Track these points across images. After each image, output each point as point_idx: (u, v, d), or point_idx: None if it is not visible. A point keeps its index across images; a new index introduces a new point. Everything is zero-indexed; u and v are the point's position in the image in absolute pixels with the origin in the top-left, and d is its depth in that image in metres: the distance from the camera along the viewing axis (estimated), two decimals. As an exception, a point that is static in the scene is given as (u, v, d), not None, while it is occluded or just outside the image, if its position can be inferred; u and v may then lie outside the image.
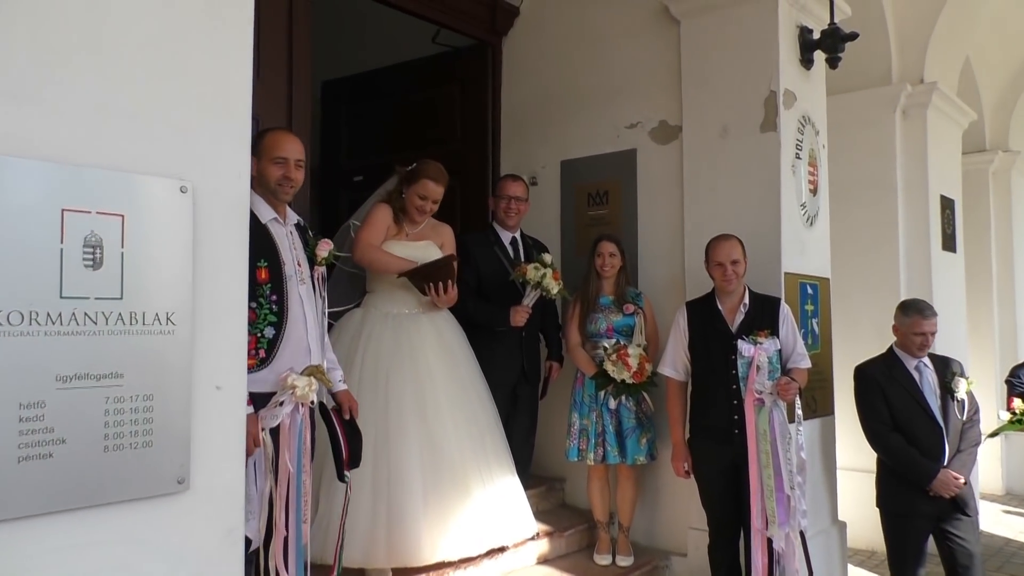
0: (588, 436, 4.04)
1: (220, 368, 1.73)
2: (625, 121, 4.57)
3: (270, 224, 2.72)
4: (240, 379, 1.77)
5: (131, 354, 1.57)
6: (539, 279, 3.84)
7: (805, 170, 4.16)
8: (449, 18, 4.90)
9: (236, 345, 1.76)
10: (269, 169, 2.73)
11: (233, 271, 1.76)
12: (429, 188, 3.61)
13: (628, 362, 3.87)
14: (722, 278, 3.64)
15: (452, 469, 3.37)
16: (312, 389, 2.57)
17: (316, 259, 2.84)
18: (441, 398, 3.47)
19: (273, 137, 2.78)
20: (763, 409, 3.52)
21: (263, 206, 2.72)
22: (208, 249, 1.71)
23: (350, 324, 3.60)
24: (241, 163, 1.78)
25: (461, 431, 3.48)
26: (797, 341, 3.71)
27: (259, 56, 3.87)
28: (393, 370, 3.43)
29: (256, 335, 2.61)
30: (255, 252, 2.58)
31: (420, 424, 3.39)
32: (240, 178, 1.77)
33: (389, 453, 3.32)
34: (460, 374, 3.61)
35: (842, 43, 4.09)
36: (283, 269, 2.68)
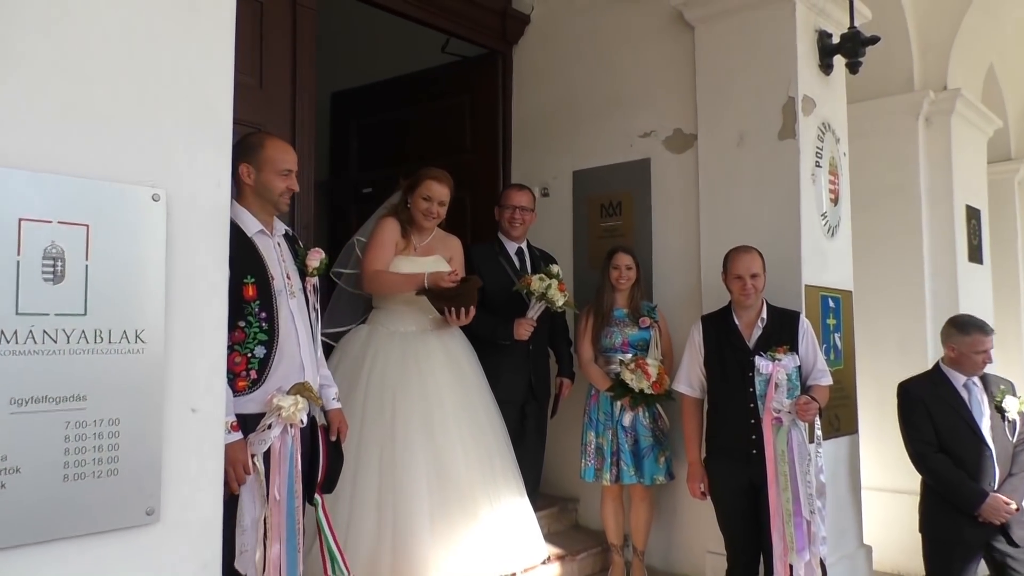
0: (603, 455, 3.90)
1: (196, 389, 1.61)
2: (639, 130, 4.45)
3: (256, 237, 2.59)
4: (218, 401, 1.65)
5: (95, 375, 1.46)
6: (544, 290, 3.70)
7: (825, 179, 4.01)
8: (459, 27, 4.81)
9: (214, 364, 1.64)
10: (274, 181, 2.61)
11: (211, 284, 1.64)
12: (433, 188, 3.49)
13: (648, 370, 3.74)
14: (740, 292, 3.49)
15: (460, 491, 3.24)
16: (299, 408, 2.44)
17: (307, 270, 2.71)
18: (450, 419, 3.34)
19: (275, 146, 2.67)
20: (781, 429, 3.36)
21: (248, 218, 2.60)
22: (183, 261, 1.59)
23: (355, 341, 3.48)
24: (221, 170, 1.67)
25: (470, 452, 3.35)
26: (818, 357, 3.56)
27: (262, 66, 3.81)
28: (400, 390, 3.31)
29: (246, 355, 2.49)
30: (241, 268, 2.48)
31: (428, 445, 3.26)
32: (219, 186, 1.66)
33: (396, 474, 3.19)
34: (470, 394, 3.49)
35: (863, 47, 3.95)
36: (271, 284, 2.56)
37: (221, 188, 1.66)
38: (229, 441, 2.33)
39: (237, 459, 2.37)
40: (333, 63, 5.74)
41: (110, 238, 1.48)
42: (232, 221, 2.59)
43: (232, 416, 2.40)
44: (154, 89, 1.57)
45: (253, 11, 3.77)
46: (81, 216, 1.45)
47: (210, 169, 1.65)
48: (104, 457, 1.47)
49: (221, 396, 1.65)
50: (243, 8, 3.77)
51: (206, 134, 1.65)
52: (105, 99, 1.49)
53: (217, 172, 1.66)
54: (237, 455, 2.37)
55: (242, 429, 2.43)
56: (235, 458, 2.36)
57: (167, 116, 1.58)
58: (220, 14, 1.71)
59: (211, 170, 1.65)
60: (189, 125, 1.62)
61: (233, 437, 2.37)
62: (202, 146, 1.64)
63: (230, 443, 2.34)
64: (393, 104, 5.52)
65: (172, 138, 1.59)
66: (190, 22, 1.65)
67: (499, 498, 3.38)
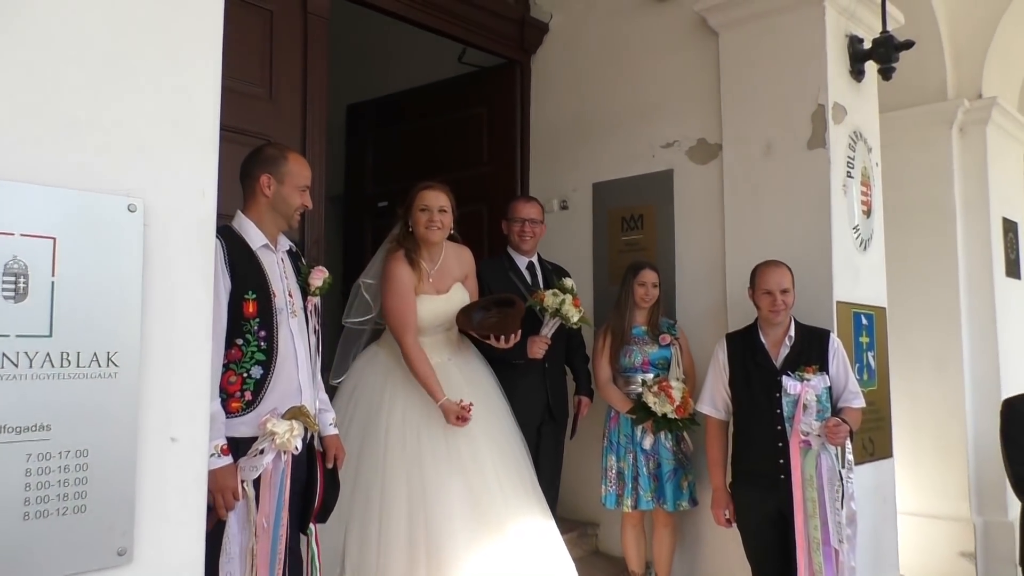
0: (624, 480, 3.74)
1: (176, 417, 1.47)
2: (661, 140, 4.30)
3: (260, 252, 2.48)
4: (202, 429, 1.51)
5: (61, 402, 1.33)
6: (558, 306, 3.54)
7: (857, 190, 3.83)
8: (476, 36, 4.69)
9: (197, 390, 1.51)
10: (293, 195, 2.52)
11: (194, 303, 1.51)
12: (427, 197, 3.32)
13: (671, 394, 3.57)
14: (770, 308, 3.32)
15: (497, 520, 3.06)
16: (295, 435, 2.30)
17: (309, 289, 2.59)
18: (482, 450, 3.18)
19: (298, 161, 2.59)
20: (810, 452, 3.19)
21: (253, 231, 2.49)
22: (162, 277, 1.46)
23: (372, 372, 3.30)
24: (206, 179, 1.54)
25: (503, 480, 3.18)
26: (849, 377, 3.37)
27: (271, 76, 3.71)
28: (424, 426, 3.14)
29: (242, 375, 2.37)
30: (243, 283, 2.38)
31: (461, 480, 3.09)
32: (204, 197, 1.53)
33: (427, 511, 3.01)
34: (498, 421, 3.33)
35: (896, 52, 3.79)
36: (273, 301, 2.44)
37: (206, 198, 1.53)
38: (219, 465, 2.22)
39: (226, 485, 2.25)
40: (348, 75, 5.65)
41: (80, 252, 1.36)
42: (236, 233, 2.51)
43: (223, 439, 2.28)
44: (130, 88, 1.44)
45: (263, 19, 3.68)
46: (47, 228, 1.33)
47: (194, 177, 1.52)
48: (70, 492, 1.33)
49: (204, 424, 1.51)
50: (252, 16, 3.72)
51: (190, 139, 1.52)
52: (74, 99, 1.37)
53: (202, 181, 1.53)
54: (227, 480, 2.25)
55: (233, 453, 2.31)
56: (224, 484, 2.24)
57: (145, 118, 1.45)
58: (208, 10, 1.58)
59: (195, 179, 1.52)
60: (171, 128, 1.49)
61: (223, 461, 2.25)
62: (185, 152, 1.51)
63: (220, 468, 2.23)
64: (409, 116, 5.41)
65: (151, 143, 1.46)
66: (173, 14, 1.52)
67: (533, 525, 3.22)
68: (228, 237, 2.44)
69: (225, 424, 2.31)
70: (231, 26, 3.50)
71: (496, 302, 3.40)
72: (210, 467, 2.21)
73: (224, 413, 2.32)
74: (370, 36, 5.83)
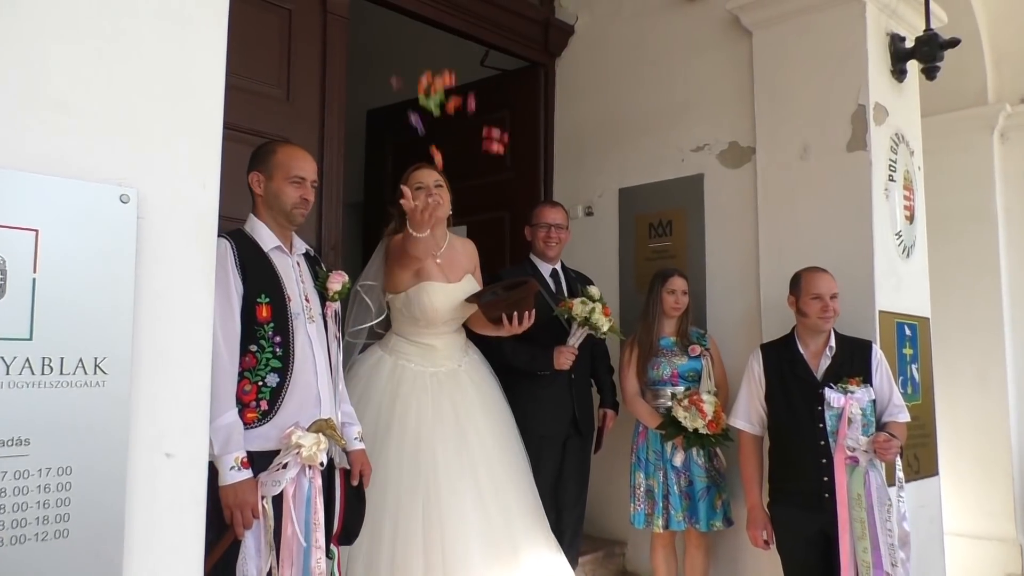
0: (654, 498, 3.56)
1: (171, 429, 1.33)
2: (691, 144, 4.14)
3: (273, 253, 2.36)
4: (200, 444, 1.37)
5: (41, 413, 1.19)
6: (587, 315, 3.38)
7: (900, 194, 3.65)
8: (499, 38, 4.56)
9: (195, 399, 1.37)
10: (285, 189, 2.38)
11: (193, 304, 1.37)
12: (420, 175, 3.20)
13: (703, 408, 3.39)
14: (820, 314, 3.15)
15: (513, 550, 2.90)
16: (321, 448, 2.17)
17: (328, 294, 2.45)
18: (495, 464, 3.02)
19: (288, 152, 2.44)
20: (857, 470, 3.00)
21: (265, 232, 2.37)
22: (158, 275, 1.32)
23: (376, 379, 3.09)
24: (208, 168, 1.40)
25: (510, 496, 3.01)
26: (893, 391, 3.19)
27: (289, 77, 3.60)
28: (440, 440, 2.95)
29: (257, 383, 2.24)
30: (255, 286, 2.25)
31: (474, 492, 2.91)
32: (205, 188, 1.39)
33: (444, 536, 2.83)
34: (507, 436, 3.16)
35: (941, 51, 3.61)
36: (288, 306, 2.31)
37: (208, 190, 1.39)
38: (238, 479, 2.10)
39: (246, 501, 2.11)
40: (368, 80, 5.54)
41: (65, 246, 1.22)
42: (247, 236, 2.37)
43: (243, 451, 2.15)
44: (125, 68, 1.31)
45: (280, 19, 3.57)
46: (29, 219, 1.19)
47: (195, 166, 1.39)
48: (51, 515, 1.19)
49: (203, 438, 1.37)
50: (269, 16, 3.60)
51: (191, 123, 1.38)
52: (63, 78, 1.24)
53: (204, 170, 1.40)
54: (246, 496, 2.11)
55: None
56: (243, 500, 2.10)
57: (142, 100, 1.32)
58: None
59: (196, 168, 1.39)
60: (169, 111, 1.35)
61: (243, 475, 2.12)
62: (185, 138, 1.37)
63: (239, 482, 2.10)
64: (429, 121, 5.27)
65: (146, 127, 1.32)
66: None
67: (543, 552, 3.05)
68: (238, 239, 2.32)
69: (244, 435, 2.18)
70: (248, 25, 3.45)
71: (506, 287, 3.19)
72: (229, 481, 2.09)
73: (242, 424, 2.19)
74: (389, 41, 5.73)
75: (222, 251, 2.21)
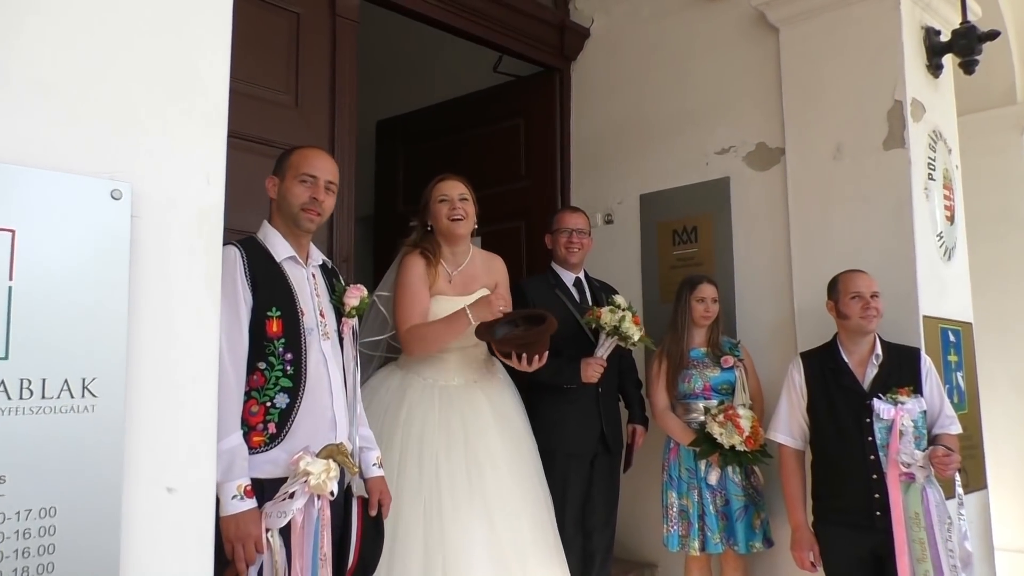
0: (689, 519, 3.37)
1: (174, 460, 1.16)
2: (715, 146, 3.97)
3: (286, 264, 2.20)
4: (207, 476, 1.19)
5: (19, 444, 1.02)
6: (616, 323, 3.20)
7: (940, 193, 3.47)
8: (513, 42, 4.41)
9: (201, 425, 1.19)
10: (293, 189, 2.22)
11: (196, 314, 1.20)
12: (445, 186, 3.02)
13: (740, 423, 3.21)
14: (862, 313, 2.98)
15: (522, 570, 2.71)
16: (331, 476, 1.99)
17: (344, 309, 2.28)
18: (505, 489, 2.81)
19: (302, 153, 2.29)
20: (913, 487, 2.80)
21: (279, 241, 2.21)
22: (156, 282, 1.15)
23: (384, 392, 2.92)
24: (212, 161, 1.24)
25: (525, 526, 2.82)
26: (944, 401, 3.01)
27: (298, 82, 3.45)
28: (444, 458, 2.76)
29: (265, 404, 2.06)
30: (266, 298, 2.08)
31: (483, 520, 2.72)
32: (210, 183, 1.22)
33: (446, 562, 2.64)
34: (523, 459, 2.96)
35: (979, 43, 3.44)
36: (301, 320, 2.15)
37: (212, 186, 1.23)
38: (241, 510, 1.93)
39: (248, 533, 1.93)
40: (377, 91, 5.41)
41: (46, 249, 1.06)
42: (260, 244, 2.19)
43: (246, 478, 1.97)
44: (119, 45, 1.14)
45: (288, 22, 3.43)
46: (3, 217, 1.02)
47: (198, 158, 1.22)
48: (32, 565, 1.02)
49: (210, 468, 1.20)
50: (277, 19, 3.45)
51: (193, 111, 1.22)
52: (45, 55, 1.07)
53: (208, 164, 1.23)
54: (249, 528, 1.93)
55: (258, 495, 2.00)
56: (247, 532, 1.92)
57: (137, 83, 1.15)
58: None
59: (199, 159, 1.22)
60: (168, 98, 1.19)
61: (246, 505, 1.94)
62: (187, 127, 1.21)
63: (242, 512, 1.93)
64: (441, 131, 5.14)
65: (143, 114, 1.16)
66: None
67: None
68: (249, 247, 2.16)
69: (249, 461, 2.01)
70: (254, 28, 3.30)
71: (526, 317, 2.98)
72: (231, 511, 1.91)
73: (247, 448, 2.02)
74: (400, 50, 5.60)
75: (231, 259, 2.06)
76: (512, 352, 2.88)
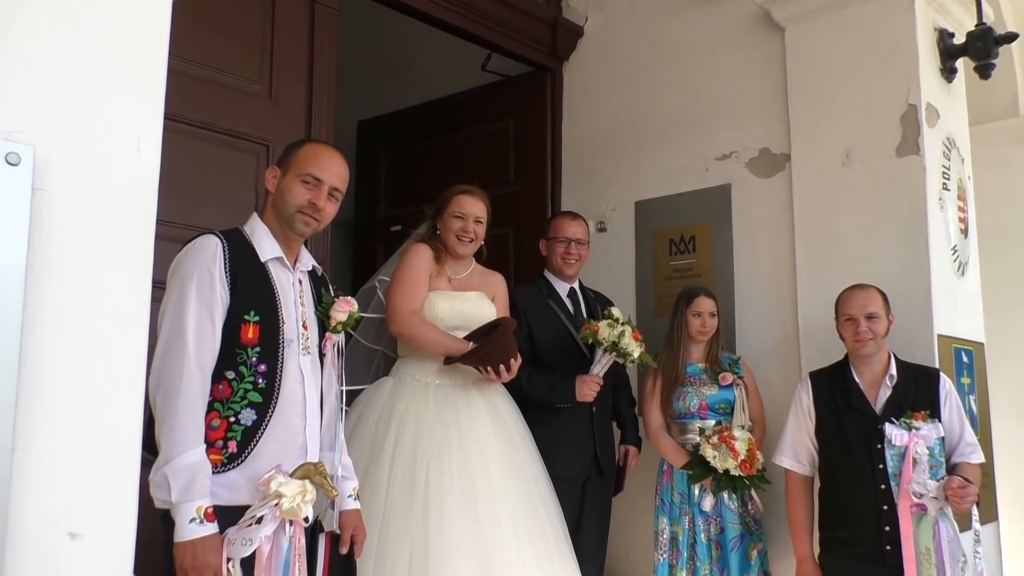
0: (679, 547, 3.17)
1: (81, 498, 0.91)
2: (716, 152, 3.77)
3: (271, 265, 1.97)
4: (125, 519, 0.94)
5: None
6: (615, 339, 2.99)
7: (954, 204, 3.29)
8: (503, 39, 4.20)
9: (120, 452, 0.94)
10: (293, 188, 2.00)
11: (121, 317, 0.95)
12: (464, 203, 2.92)
13: (734, 446, 3.00)
14: (853, 337, 2.81)
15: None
16: (307, 500, 1.75)
17: (330, 323, 2.04)
18: (498, 497, 2.61)
19: (313, 149, 2.07)
20: (925, 519, 2.61)
21: (266, 239, 1.99)
22: (65, 274, 0.91)
23: (375, 398, 2.77)
24: (147, 122, 1.00)
25: (524, 543, 2.60)
26: (964, 427, 2.81)
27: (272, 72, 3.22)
28: (436, 458, 2.58)
29: (228, 419, 1.83)
30: (245, 300, 1.86)
31: (472, 531, 2.51)
32: (141, 151, 0.98)
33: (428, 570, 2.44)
34: (521, 464, 2.77)
35: (996, 46, 3.28)
36: (281, 329, 1.93)
37: (145, 155, 0.98)
38: (200, 535, 1.69)
39: (206, 563, 1.69)
40: (359, 91, 5.18)
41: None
42: (245, 238, 1.95)
43: (207, 499, 1.73)
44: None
45: (263, 8, 3.20)
46: None
47: (126, 119, 0.98)
48: None
49: (128, 509, 0.95)
50: (251, 4, 3.24)
51: (121, 60, 0.97)
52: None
53: (140, 126, 0.99)
54: (208, 557, 1.69)
55: None
56: (204, 561, 1.69)
57: (47, 21, 0.91)
58: None
59: (128, 121, 0.97)
60: (89, 40, 0.94)
61: (206, 530, 1.70)
62: (113, 79, 0.96)
63: (201, 538, 1.69)
64: (426, 132, 4.93)
65: (54, 60, 0.91)
66: None
67: None
68: (232, 240, 1.93)
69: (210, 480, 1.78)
70: (224, 13, 3.06)
71: (484, 333, 2.80)
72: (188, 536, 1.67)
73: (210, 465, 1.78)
74: (383, 47, 5.38)
75: (210, 251, 1.85)
76: (482, 368, 2.71)
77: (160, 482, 1.70)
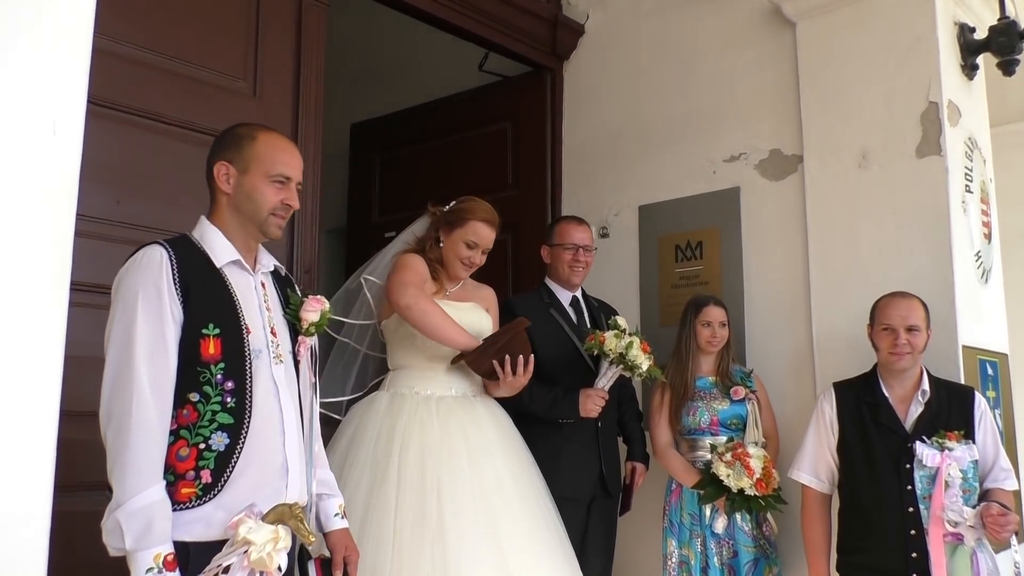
0: (690, 570, 3.01)
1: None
2: (723, 153, 3.61)
3: (228, 270, 1.80)
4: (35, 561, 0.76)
5: None
6: (623, 351, 2.81)
7: (977, 208, 3.13)
8: (501, 37, 4.05)
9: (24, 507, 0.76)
10: (263, 190, 1.83)
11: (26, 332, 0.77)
12: (481, 233, 2.73)
13: (749, 463, 2.84)
14: (890, 348, 2.62)
15: None
16: (279, 548, 1.58)
17: (301, 326, 1.87)
18: (518, 522, 2.46)
19: (271, 141, 1.89)
20: (960, 549, 2.43)
21: (220, 243, 1.81)
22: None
23: (371, 416, 2.58)
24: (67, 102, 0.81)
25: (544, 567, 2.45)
26: (999, 450, 2.65)
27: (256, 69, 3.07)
28: (446, 481, 2.41)
29: (197, 446, 1.66)
30: (201, 313, 1.68)
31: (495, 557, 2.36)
32: (57, 133, 0.80)
33: None
34: (534, 484, 2.63)
35: (1021, 41, 3.11)
36: (246, 339, 1.75)
37: (61, 137, 0.80)
38: None
39: None
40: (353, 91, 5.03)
41: None
42: (195, 244, 1.77)
43: (168, 545, 1.56)
44: None
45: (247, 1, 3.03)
46: None
47: (41, 95, 0.80)
48: None
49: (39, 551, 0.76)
50: (233, -4, 3.07)
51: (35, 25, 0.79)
52: None
53: (58, 104, 0.80)
54: None
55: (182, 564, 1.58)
56: None
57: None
58: None
59: (43, 97, 0.79)
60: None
61: None
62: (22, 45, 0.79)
63: None
64: (421, 135, 4.77)
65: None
66: None
67: None
68: (180, 249, 1.75)
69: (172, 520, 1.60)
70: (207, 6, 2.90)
71: (492, 342, 2.65)
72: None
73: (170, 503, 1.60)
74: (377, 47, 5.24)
75: (156, 263, 1.68)
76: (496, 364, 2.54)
77: (112, 528, 1.54)
